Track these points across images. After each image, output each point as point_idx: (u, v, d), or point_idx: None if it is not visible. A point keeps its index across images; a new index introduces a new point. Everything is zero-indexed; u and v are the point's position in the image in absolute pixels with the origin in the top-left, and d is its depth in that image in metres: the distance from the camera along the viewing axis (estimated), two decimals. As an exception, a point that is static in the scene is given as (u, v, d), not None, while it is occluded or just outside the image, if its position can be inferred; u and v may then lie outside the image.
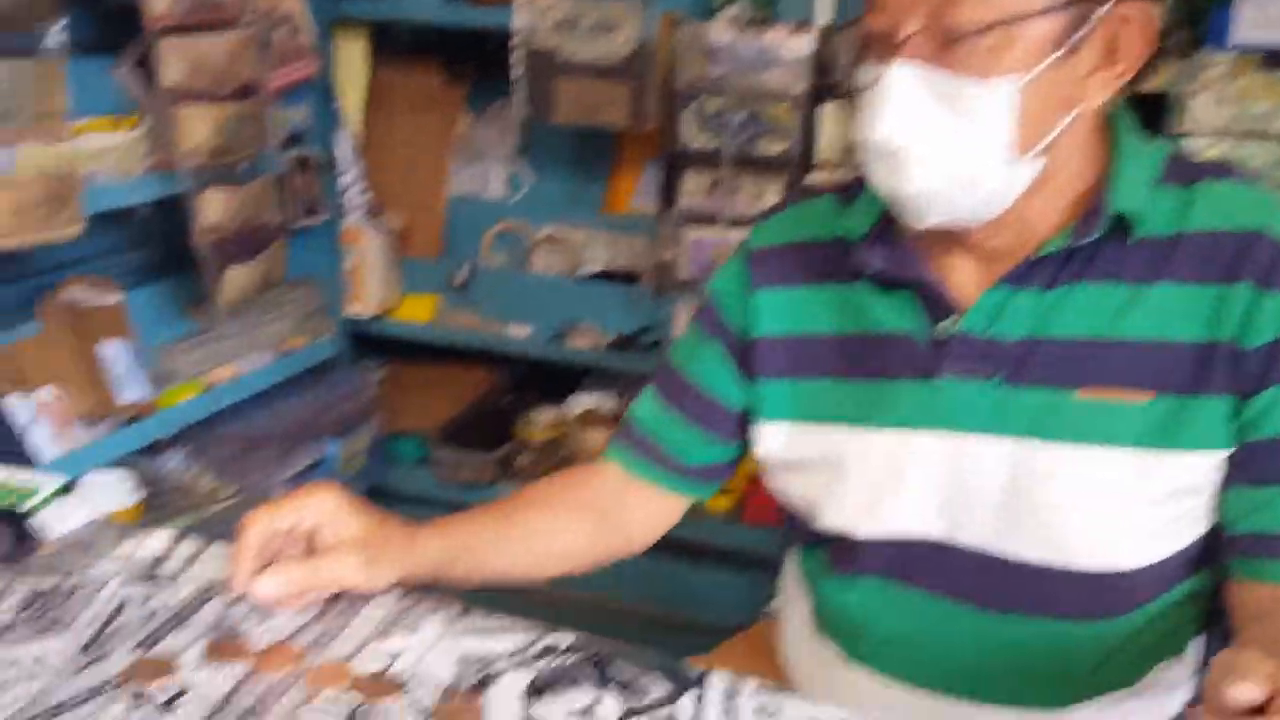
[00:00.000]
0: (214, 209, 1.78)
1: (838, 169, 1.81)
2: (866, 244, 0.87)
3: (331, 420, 2.18)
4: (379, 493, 2.33)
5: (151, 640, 0.77)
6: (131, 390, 1.77)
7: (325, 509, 0.83)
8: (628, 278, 2.16)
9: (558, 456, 2.21)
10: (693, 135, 1.92)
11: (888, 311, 0.88)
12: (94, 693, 0.71)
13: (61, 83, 1.49)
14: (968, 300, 0.84)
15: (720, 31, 1.85)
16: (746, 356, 0.94)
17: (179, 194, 1.74)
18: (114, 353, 1.75)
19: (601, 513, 0.98)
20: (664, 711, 0.71)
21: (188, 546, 0.89)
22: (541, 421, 2.24)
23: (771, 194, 1.88)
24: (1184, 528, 0.84)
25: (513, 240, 2.32)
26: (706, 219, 1.91)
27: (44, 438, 1.63)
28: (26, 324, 1.72)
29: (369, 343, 2.34)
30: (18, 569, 0.85)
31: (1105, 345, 0.81)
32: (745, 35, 1.84)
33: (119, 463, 1.74)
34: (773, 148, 1.88)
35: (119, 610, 0.80)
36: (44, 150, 1.48)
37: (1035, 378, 0.83)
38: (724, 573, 2.09)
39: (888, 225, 0.87)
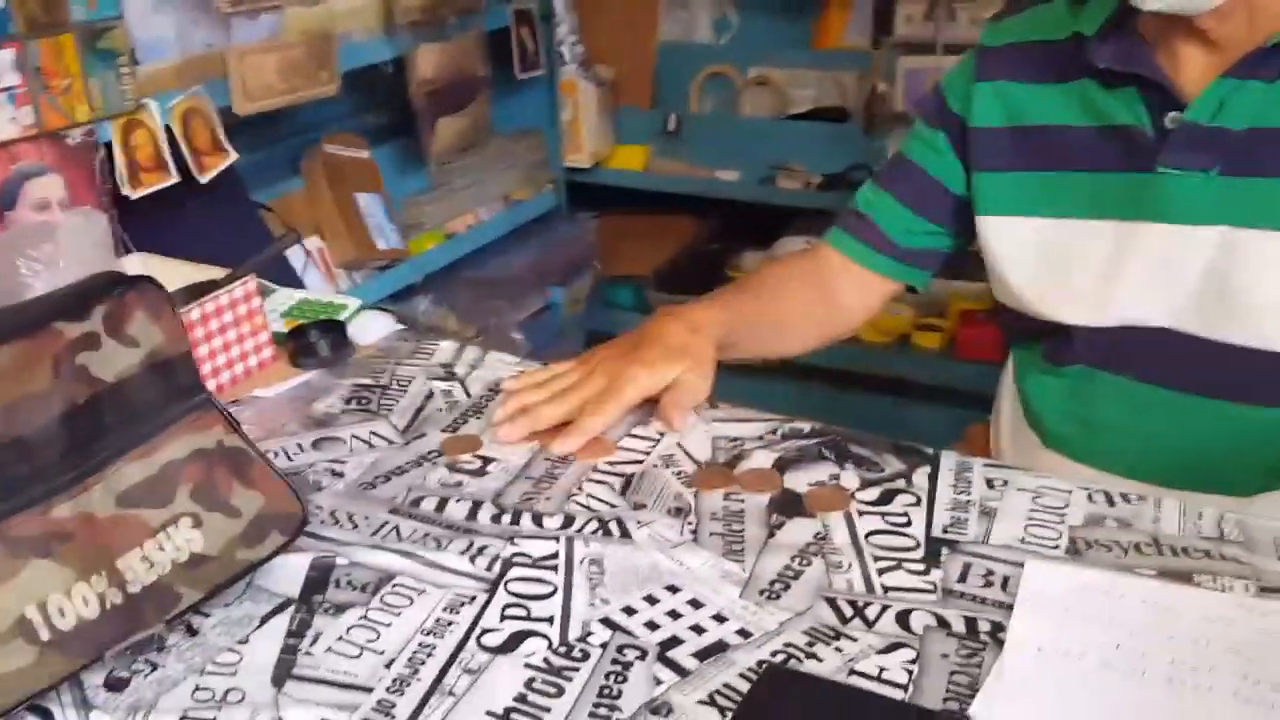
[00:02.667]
0: (426, 64, 1.91)
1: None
2: (1098, 39, 0.89)
3: (554, 267, 2.33)
4: (598, 337, 2.48)
5: (455, 425, 0.91)
6: (386, 239, 1.95)
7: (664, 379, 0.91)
8: (837, 115, 2.17)
9: (768, 297, 2.28)
10: (905, -35, 1.88)
11: (1114, 105, 0.90)
12: (419, 460, 0.86)
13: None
14: (1194, 93, 0.86)
15: None
16: (966, 145, 0.99)
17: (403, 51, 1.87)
18: (370, 204, 1.93)
19: (823, 294, 1.07)
20: (900, 482, 0.79)
21: (470, 354, 1.04)
22: (751, 264, 2.32)
23: (992, 10, 1.83)
24: None
25: (721, 84, 2.35)
26: (923, 48, 1.89)
27: (315, 281, 1.84)
28: (293, 180, 1.92)
29: (586, 193, 2.46)
30: (337, 371, 1.01)
31: None
32: None
33: (376, 305, 1.94)
34: (990, -28, 1.82)
35: (427, 400, 0.95)
36: (306, 12, 1.63)
37: (1254, 168, 0.84)
38: (936, 409, 2.14)
39: (1120, 22, 0.89)
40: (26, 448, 0.63)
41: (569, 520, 0.77)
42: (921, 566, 0.70)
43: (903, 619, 0.66)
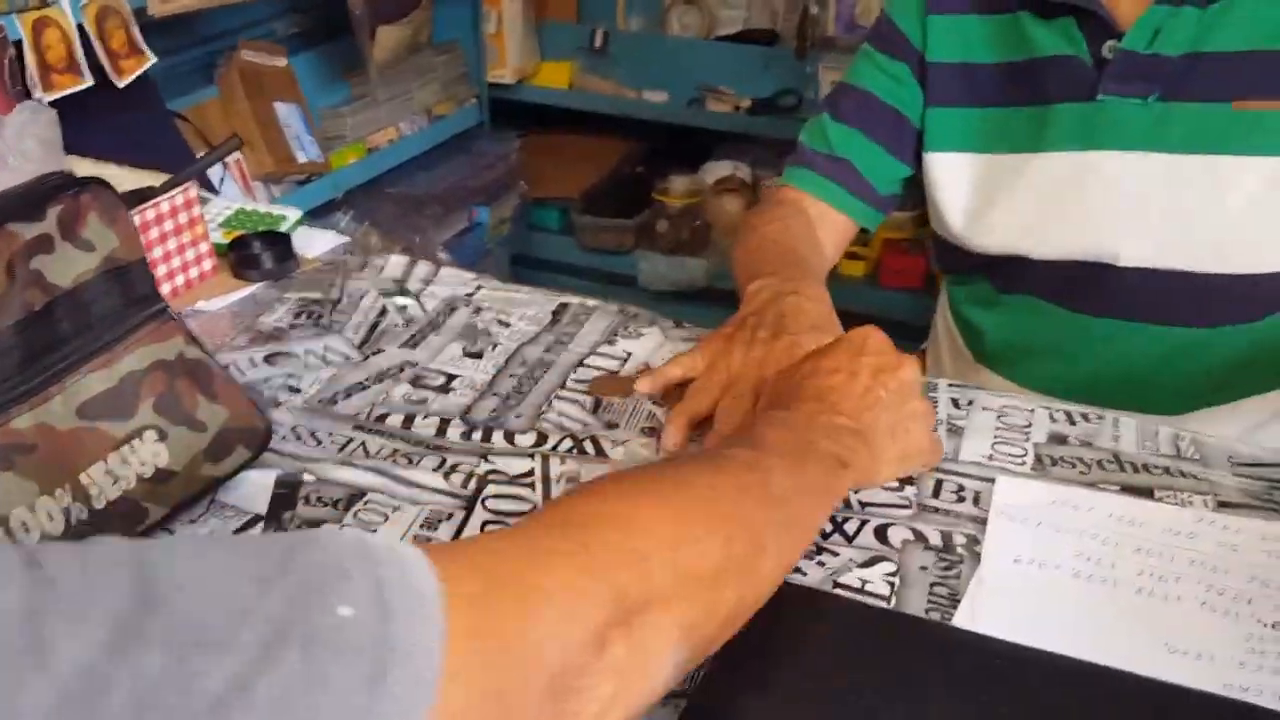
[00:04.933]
0: (367, -31, 1.83)
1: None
2: None
3: (479, 186, 2.28)
4: (523, 260, 2.45)
5: (414, 341, 0.89)
6: (306, 151, 1.88)
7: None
8: (767, 38, 2.16)
9: (694, 224, 2.28)
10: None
11: (1050, 37, 0.91)
12: (380, 376, 0.84)
13: None
14: (1129, 21, 0.87)
15: None
16: (924, 79, 0.98)
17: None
18: (288, 115, 1.85)
19: (816, 242, 1.00)
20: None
21: (422, 269, 1.01)
22: (678, 189, 2.31)
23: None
24: None
25: (649, 3, 2.31)
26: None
27: (232, 193, 1.76)
28: (208, 88, 1.82)
29: (510, 110, 2.40)
30: (283, 284, 0.98)
31: (1264, 57, 0.85)
32: None
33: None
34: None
35: (381, 315, 0.92)
36: (226, -92, 1.53)
37: (1193, 93, 0.87)
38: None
39: None
40: (-15, 356, 0.60)
41: (542, 438, 0.77)
42: (896, 483, 0.71)
43: (881, 533, 0.67)
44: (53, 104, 1.34)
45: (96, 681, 0.30)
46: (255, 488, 0.71)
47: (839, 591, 0.62)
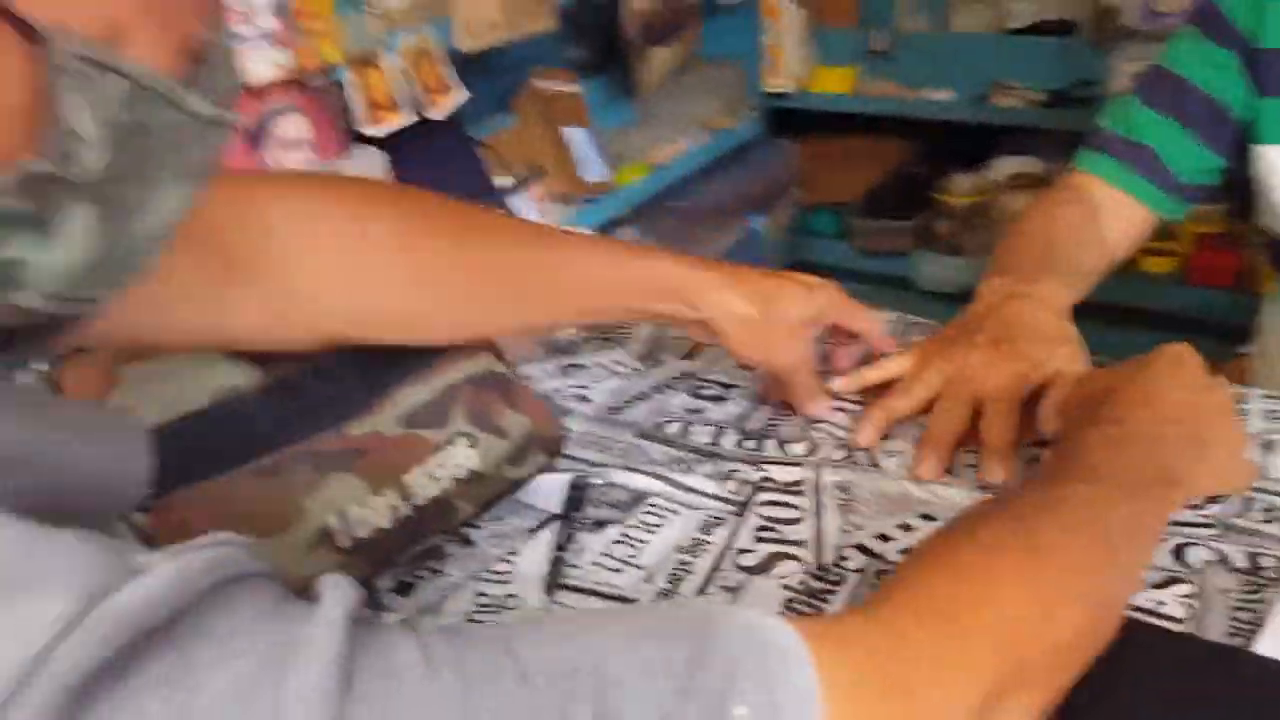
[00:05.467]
0: (640, -5, 1.91)
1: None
2: None
3: (755, 195, 2.32)
4: (800, 266, 2.46)
5: (691, 353, 0.93)
6: (593, 171, 1.99)
7: None
8: (1061, 29, 2.04)
9: (981, 222, 2.20)
10: None
11: None
12: (660, 387, 0.89)
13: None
14: None
15: None
16: (1256, 68, 0.91)
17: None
18: (577, 138, 1.97)
19: (1090, 233, 0.95)
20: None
21: (701, 282, 1.05)
22: (963, 187, 2.23)
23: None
24: None
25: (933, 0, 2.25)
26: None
27: (529, 214, 1.90)
28: (505, 116, 1.97)
29: (788, 118, 2.42)
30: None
31: None
32: None
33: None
34: None
35: (662, 330, 0.97)
36: (523, -50, 1.65)
37: None
38: (1166, 337, 2.02)
39: None
40: (331, 375, 0.69)
41: (814, 447, 0.78)
42: (1198, 500, 0.67)
43: (1179, 553, 0.63)
44: (373, 139, 1.51)
45: None
46: (551, 489, 0.78)
47: (1131, 614, 0.60)
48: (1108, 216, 0.97)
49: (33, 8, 0.29)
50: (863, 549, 0.68)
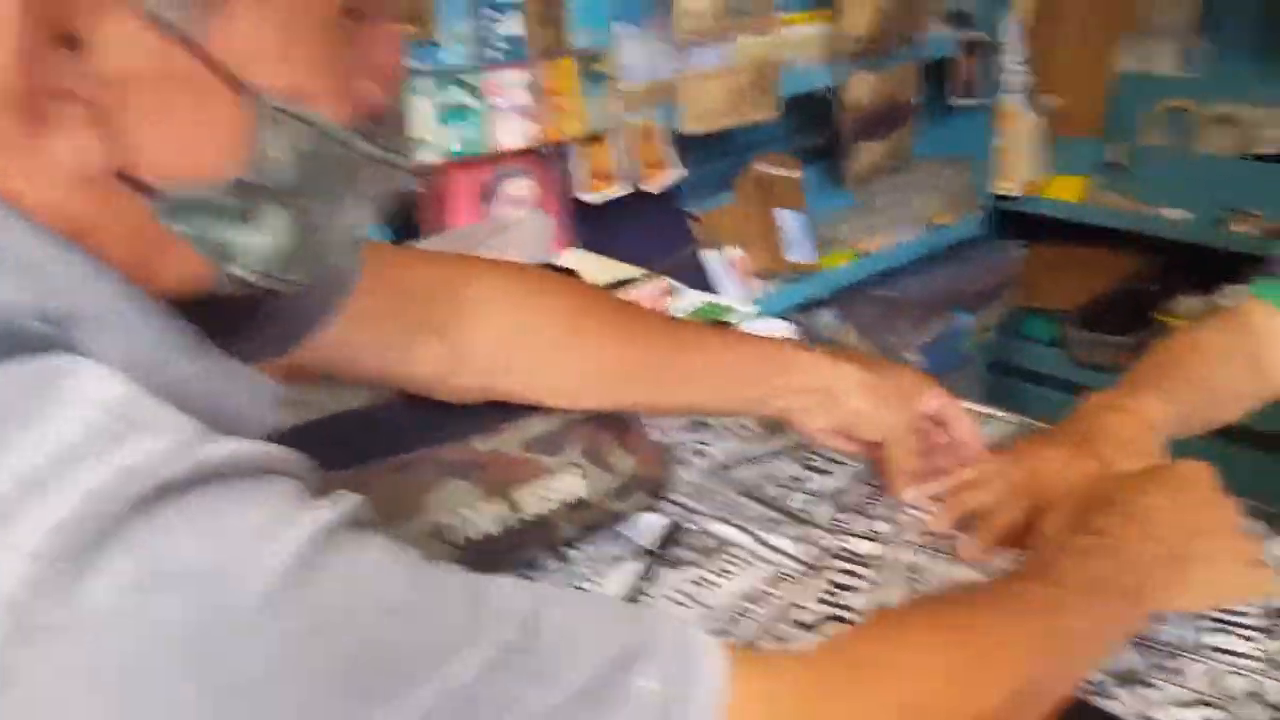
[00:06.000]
0: (859, 90, 1.98)
1: None
2: None
3: (967, 292, 2.31)
4: (1003, 368, 2.42)
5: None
6: (799, 252, 2.07)
7: None
8: (1311, 158, 1.95)
9: (1205, 348, 2.09)
10: None
11: None
12: (776, 454, 0.95)
13: (770, -19, 1.77)
14: None
15: None
16: None
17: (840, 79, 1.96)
18: (790, 220, 2.06)
19: (1251, 358, 0.93)
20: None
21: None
22: (1189, 309, 2.14)
23: None
24: None
25: (1179, 119, 2.19)
26: None
27: (729, 287, 2.00)
28: (725, 194, 2.09)
29: (1014, 221, 2.40)
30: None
31: None
32: None
33: (782, 314, 2.06)
34: None
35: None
36: (756, 41, 1.78)
37: None
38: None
39: None
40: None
41: (900, 529, 0.83)
42: (1253, 633, 0.67)
43: (1216, 680, 0.64)
44: (596, 206, 1.66)
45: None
46: (649, 526, 0.86)
47: (1146, 727, 0.61)
48: (1269, 342, 0.95)
49: (242, 72, 0.42)
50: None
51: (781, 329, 1.23)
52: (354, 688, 0.38)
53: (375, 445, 0.79)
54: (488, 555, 0.80)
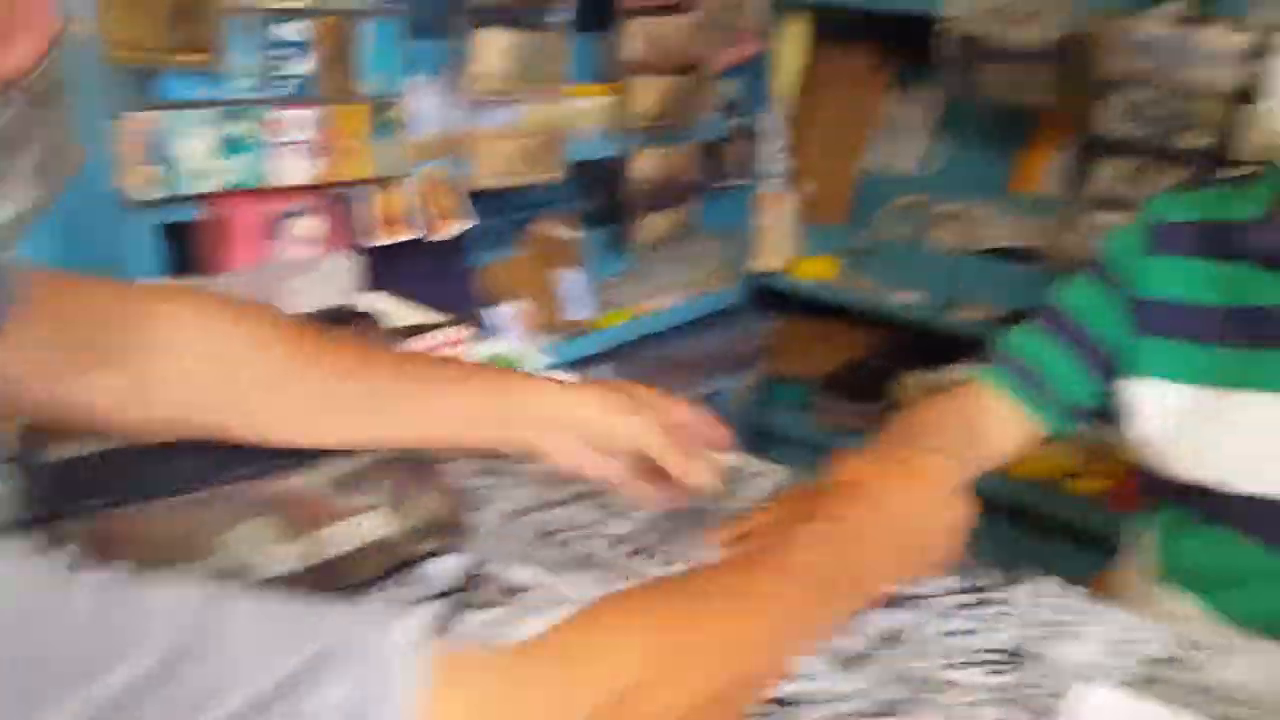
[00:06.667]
0: (644, 165, 2.10)
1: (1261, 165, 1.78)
2: (1258, 227, 0.95)
3: (727, 359, 2.47)
4: (757, 429, 2.59)
5: (606, 476, 1.04)
6: (577, 309, 2.14)
7: None
8: (1023, 256, 2.23)
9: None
10: (1112, 123, 1.95)
11: (1272, 288, 0.95)
12: (577, 497, 0.99)
13: (563, 54, 1.85)
14: None
15: (1153, 27, 1.87)
16: (1132, 313, 1.03)
17: (626, 152, 2.07)
18: (570, 279, 2.13)
19: (973, 436, 1.06)
20: (997, 593, 0.86)
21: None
22: (917, 384, 2.37)
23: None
24: None
25: (916, 213, 2.45)
26: (1118, 205, 1.94)
27: (512, 339, 2.04)
28: (508, 249, 2.14)
29: (769, 295, 2.59)
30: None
31: None
32: (1177, 31, 1.84)
33: (560, 367, 2.12)
34: (1195, 141, 1.87)
35: (586, 451, 1.08)
36: (544, 108, 1.85)
37: None
38: (1089, 554, 2.12)
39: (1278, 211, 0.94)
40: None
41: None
42: (994, 669, 0.77)
43: (963, 711, 0.73)
44: (383, 250, 1.66)
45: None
46: (446, 568, 0.87)
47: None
48: (996, 425, 1.09)
49: None
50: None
51: (562, 377, 1.28)
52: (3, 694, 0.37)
53: (165, 480, 0.76)
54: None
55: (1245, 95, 1.79)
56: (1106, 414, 1.12)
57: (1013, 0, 1.97)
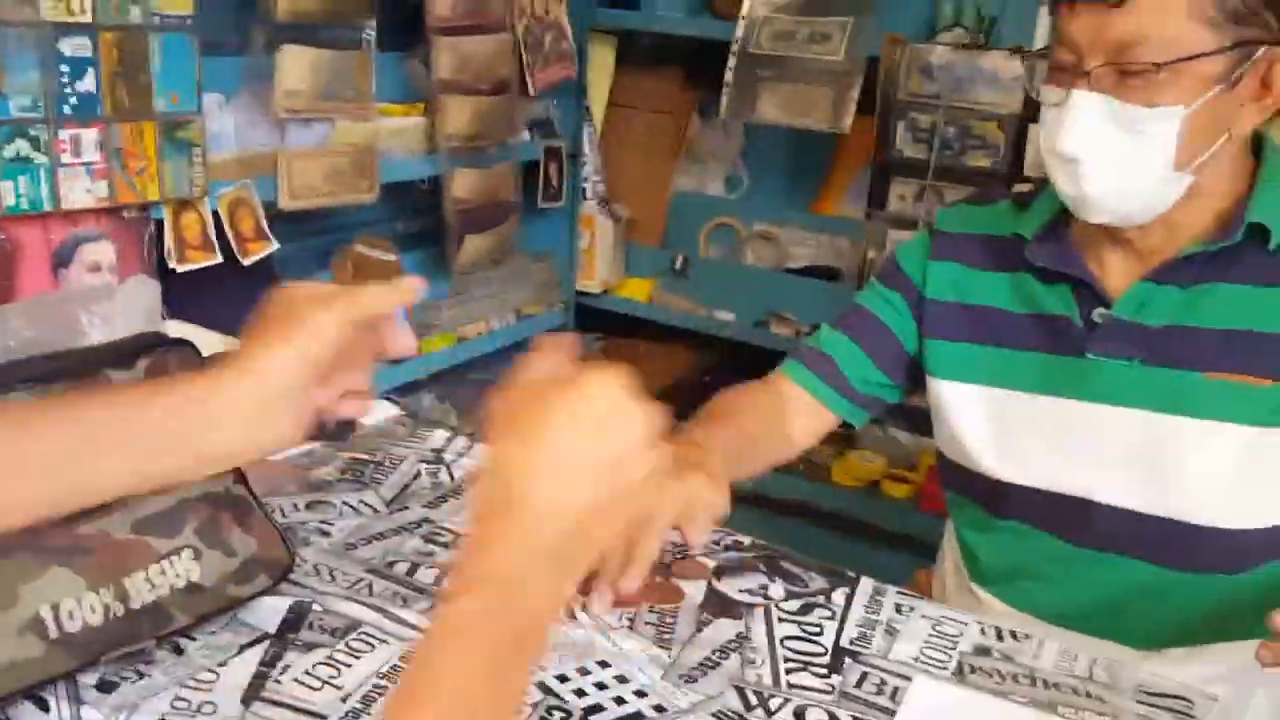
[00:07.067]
0: (462, 186, 2.07)
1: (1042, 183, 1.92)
2: (1037, 241, 1.02)
3: (554, 381, 2.46)
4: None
5: (436, 502, 1.02)
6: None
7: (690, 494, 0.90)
8: (830, 274, 2.33)
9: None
10: (905, 145, 2.06)
11: (1049, 297, 1.02)
12: (399, 530, 0.96)
13: (370, 71, 1.80)
14: (1117, 292, 0.98)
15: (940, 53, 1.99)
16: (921, 313, 1.10)
17: (442, 172, 2.04)
18: (387, 302, 2.07)
19: (775, 423, 1.13)
20: (820, 598, 0.89)
21: (459, 443, 1.15)
22: (739, 400, 2.43)
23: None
24: None
25: (728, 233, 2.52)
26: (910, 223, 2.06)
27: (328, 367, 1.96)
28: (322, 273, 2.06)
29: (593, 315, 2.60)
30: (338, 445, 1.12)
31: (1236, 335, 0.94)
32: (962, 56, 1.97)
33: (384, 395, 2.06)
34: (980, 161, 2.00)
35: (414, 479, 1.06)
36: (355, 127, 1.79)
37: (1171, 360, 0.96)
38: (900, 555, 2.22)
39: (1055, 226, 1.02)
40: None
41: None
42: (825, 671, 0.79)
43: (800, 713, 0.74)
44: (185, 274, 1.57)
45: None
46: (270, 610, 0.83)
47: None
48: (795, 413, 1.15)
49: None
50: (542, 686, 0.76)
51: (385, 409, 1.24)
52: None
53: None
54: (92, 649, 0.73)
55: (1027, 117, 1.94)
56: (905, 410, 1.19)
57: (799, 25, 2.06)
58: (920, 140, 2.05)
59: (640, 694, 0.76)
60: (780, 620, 0.85)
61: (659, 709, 0.74)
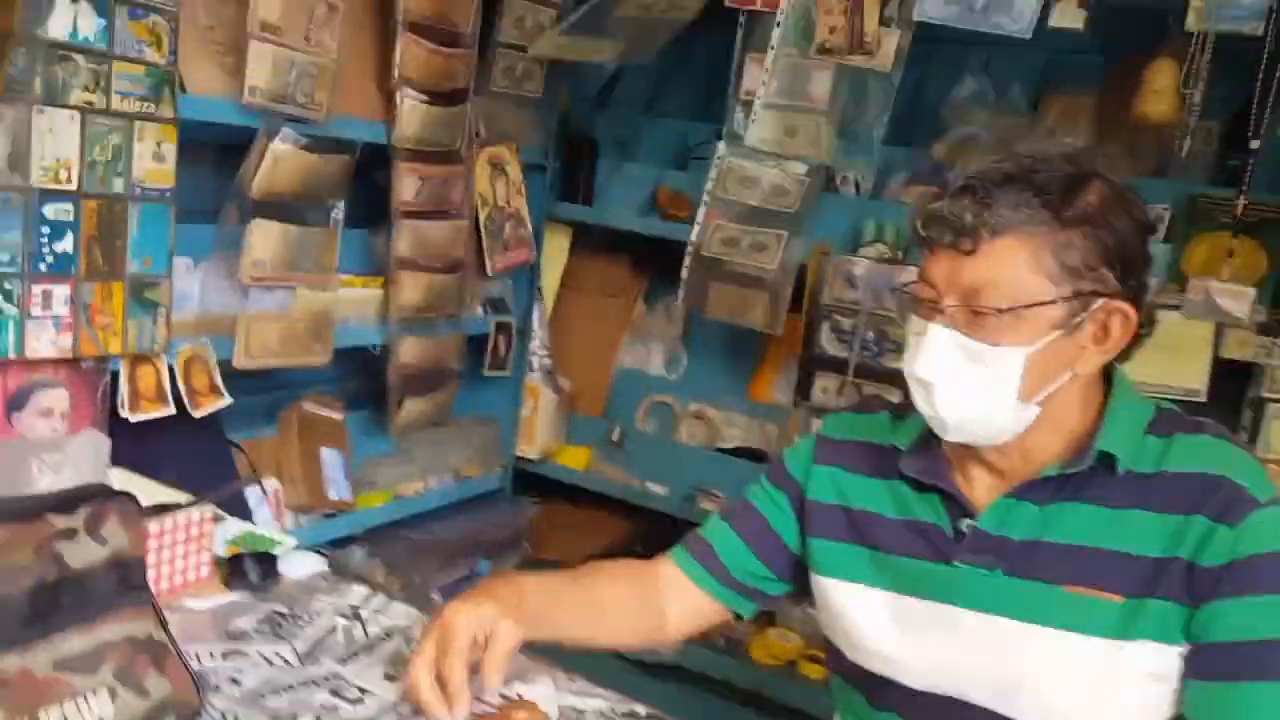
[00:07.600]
0: (409, 352, 2.19)
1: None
2: (909, 454, 1.12)
3: (488, 542, 2.52)
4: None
5: (348, 658, 1.08)
6: (337, 491, 2.15)
7: (485, 617, 1.00)
8: (758, 456, 2.44)
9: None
10: (829, 344, 2.23)
11: (921, 506, 1.11)
12: (309, 683, 1.02)
13: (335, 246, 1.94)
14: (982, 505, 1.08)
15: (863, 264, 2.19)
16: (804, 513, 1.19)
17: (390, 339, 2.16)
18: (331, 458, 2.15)
19: (648, 598, 1.19)
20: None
21: (377, 600, 1.22)
22: (667, 573, 2.50)
23: (892, 398, 2.14)
24: (1152, 711, 1.03)
25: (664, 411, 2.66)
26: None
27: (266, 517, 2.02)
28: (269, 426, 2.15)
29: (531, 480, 2.69)
30: (260, 595, 1.19)
31: (1089, 553, 1.02)
32: (882, 268, 2.16)
33: (316, 548, 2.11)
34: (896, 363, 2.15)
35: (330, 633, 1.12)
36: (315, 295, 1.92)
37: (1030, 572, 1.04)
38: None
39: (928, 440, 1.12)
40: None
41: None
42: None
43: None
44: (136, 424, 1.64)
45: None
46: (175, 753, 0.88)
47: None
48: (674, 596, 1.21)
49: None
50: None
51: (314, 563, 1.31)
52: None
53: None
54: (-2, 780, 0.78)
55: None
56: (797, 599, 1.26)
57: (744, 234, 2.24)
58: (843, 340, 2.21)
59: None
60: (652, 785, 0.92)
61: None
